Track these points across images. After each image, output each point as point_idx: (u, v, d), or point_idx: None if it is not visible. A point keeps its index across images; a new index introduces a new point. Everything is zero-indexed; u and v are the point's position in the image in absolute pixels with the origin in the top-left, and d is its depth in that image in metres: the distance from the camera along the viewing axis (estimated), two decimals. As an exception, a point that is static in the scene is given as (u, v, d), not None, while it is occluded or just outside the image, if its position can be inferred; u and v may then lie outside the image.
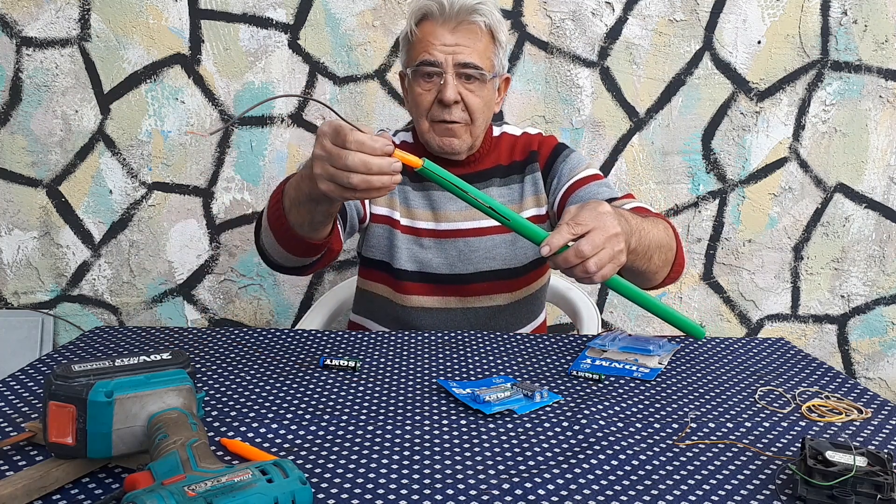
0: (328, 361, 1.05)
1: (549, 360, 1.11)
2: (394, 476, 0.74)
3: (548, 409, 0.92)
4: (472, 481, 0.73)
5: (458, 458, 0.78)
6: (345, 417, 0.88)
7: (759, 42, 2.01)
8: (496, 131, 1.45)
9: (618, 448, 0.81)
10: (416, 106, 1.33)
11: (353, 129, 0.92)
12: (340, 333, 1.22)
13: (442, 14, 1.28)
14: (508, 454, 0.79)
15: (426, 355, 1.11)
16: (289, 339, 1.18)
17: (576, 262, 0.93)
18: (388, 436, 0.83)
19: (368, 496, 0.70)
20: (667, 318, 1.11)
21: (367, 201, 1.37)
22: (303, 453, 0.79)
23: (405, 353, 1.12)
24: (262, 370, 1.04)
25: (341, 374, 1.03)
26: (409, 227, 1.39)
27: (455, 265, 1.39)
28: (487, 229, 1.39)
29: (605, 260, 0.94)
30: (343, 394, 0.95)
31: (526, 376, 1.03)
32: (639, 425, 0.87)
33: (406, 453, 0.79)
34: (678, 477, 0.75)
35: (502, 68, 1.37)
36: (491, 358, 1.11)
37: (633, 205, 1.28)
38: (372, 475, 0.74)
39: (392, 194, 1.38)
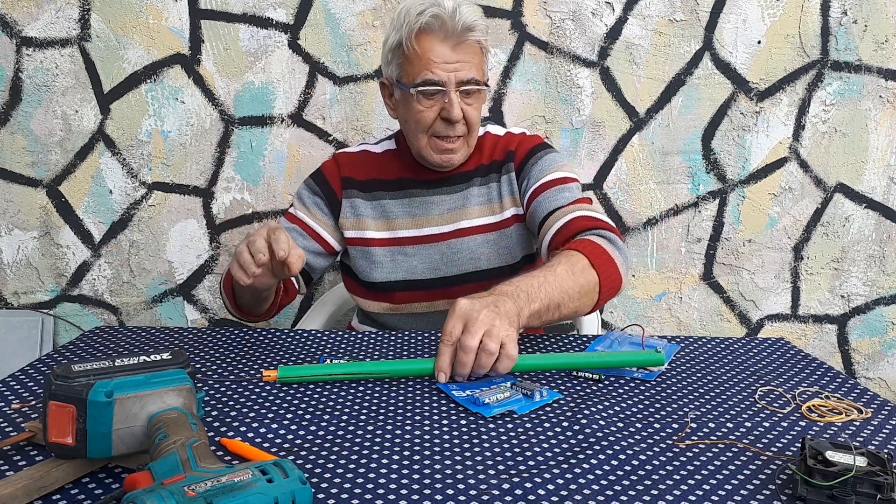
0: (328, 361, 1.05)
1: (549, 360, 1.10)
2: (394, 476, 0.74)
3: (548, 408, 0.92)
4: (472, 481, 0.73)
5: (458, 458, 0.78)
6: (345, 417, 0.88)
7: (759, 42, 2.01)
8: (479, 131, 1.45)
9: (618, 448, 0.81)
10: (416, 122, 1.32)
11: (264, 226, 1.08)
12: (340, 333, 1.22)
13: (443, 30, 1.26)
14: (508, 454, 0.79)
15: (426, 355, 1.11)
16: (289, 339, 1.18)
17: (469, 374, 0.97)
18: (388, 436, 0.83)
19: (368, 496, 0.70)
20: (621, 364, 1.05)
21: (331, 235, 1.44)
22: (303, 453, 0.79)
23: (405, 353, 1.12)
24: (262, 370, 1.04)
25: (341, 374, 1.03)
26: (389, 240, 1.40)
27: (439, 269, 1.39)
28: (469, 230, 1.39)
29: (488, 359, 0.96)
30: (343, 394, 0.95)
31: (526, 376, 1.03)
32: (639, 425, 0.87)
33: (406, 453, 0.79)
34: (678, 477, 0.75)
35: (488, 73, 1.39)
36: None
37: (576, 214, 1.27)
38: (372, 475, 0.74)
39: (358, 215, 1.41)
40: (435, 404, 0.92)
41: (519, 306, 1.03)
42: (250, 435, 0.83)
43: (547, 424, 0.87)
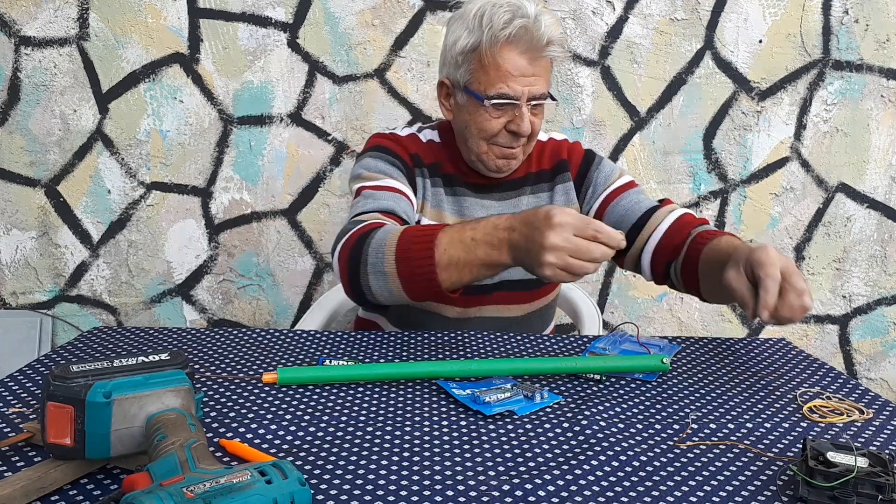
0: (328, 361, 1.05)
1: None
2: (394, 477, 0.73)
3: (548, 409, 0.91)
4: (472, 482, 0.72)
5: (458, 458, 0.78)
6: (344, 418, 0.88)
7: (760, 41, 2.01)
8: None
9: (618, 449, 0.81)
10: (479, 130, 1.27)
11: (595, 221, 0.96)
12: (340, 333, 1.21)
13: (527, 42, 1.20)
14: (509, 455, 0.79)
15: (426, 355, 1.11)
16: (288, 340, 1.17)
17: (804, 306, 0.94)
18: (387, 436, 0.83)
19: (368, 497, 0.69)
20: (625, 370, 1.05)
21: (416, 209, 1.32)
22: (302, 454, 0.78)
23: (405, 353, 1.12)
24: (261, 370, 1.03)
25: (341, 374, 1.02)
26: None
27: None
28: None
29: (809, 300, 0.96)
30: (342, 394, 0.95)
31: (526, 377, 1.03)
32: (640, 426, 0.87)
33: (406, 454, 0.78)
34: (679, 478, 0.74)
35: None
36: (491, 358, 1.11)
37: (682, 211, 1.29)
38: (372, 476, 0.73)
39: (425, 197, 1.34)
40: (435, 405, 0.92)
41: None
42: (249, 436, 0.83)
43: (547, 425, 0.87)
